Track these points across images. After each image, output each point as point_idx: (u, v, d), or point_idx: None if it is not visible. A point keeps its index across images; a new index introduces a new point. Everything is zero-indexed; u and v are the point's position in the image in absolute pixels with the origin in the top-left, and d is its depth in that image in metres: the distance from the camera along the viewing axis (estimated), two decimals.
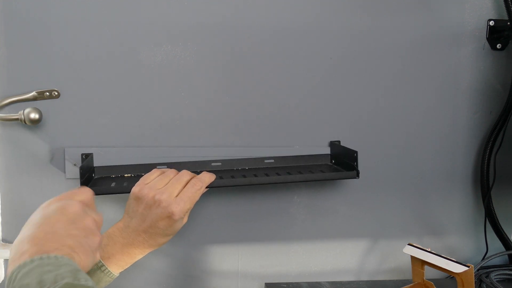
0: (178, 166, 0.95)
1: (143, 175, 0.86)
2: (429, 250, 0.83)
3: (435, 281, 0.88)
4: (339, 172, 0.92)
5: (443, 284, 0.97)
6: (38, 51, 0.89)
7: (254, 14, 0.95)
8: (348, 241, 1.05)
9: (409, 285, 0.89)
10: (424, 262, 0.84)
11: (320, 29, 0.97)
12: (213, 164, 0.96)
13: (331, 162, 1.00)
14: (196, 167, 0.95)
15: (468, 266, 0.77)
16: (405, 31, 1.00)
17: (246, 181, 0.89)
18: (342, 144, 0.99)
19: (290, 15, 0.96)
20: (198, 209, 0.99)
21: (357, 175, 0.89)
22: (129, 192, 0.81)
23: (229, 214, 1.00)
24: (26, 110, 0.87)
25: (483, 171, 1.05)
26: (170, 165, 0.94)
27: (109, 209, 0.95)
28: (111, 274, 0.76)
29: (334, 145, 0.99)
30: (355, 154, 0.89)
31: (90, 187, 0.84)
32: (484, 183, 1.05)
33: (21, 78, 0.89)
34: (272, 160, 0.98)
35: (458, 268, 0.77)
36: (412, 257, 0.87)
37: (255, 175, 0.90)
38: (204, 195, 0.98)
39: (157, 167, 0.94)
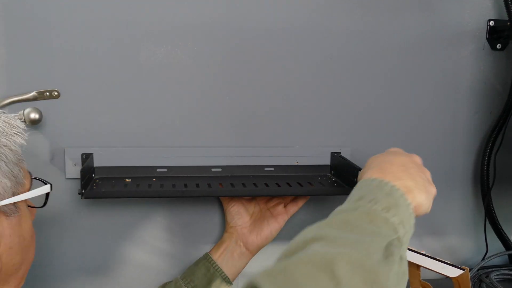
0: (178, 170, 0.95)
1: (142, 177, 0.85)
2: (423, 252, 0.83)
3: (433, 281, 0.88)
4: (339, 188, 0.93)
5: (441, 284, 0.96)
6: (38, 51, 0.89)
7: (255, 14, 0.95)
8: None
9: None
10: (420, 265, 0.84)
11: (320, 29, 0.97)
12: (213, 169, 0.96)
13: (330, 173, 1.00)
14: (196, 172, 0.95)
15: (464, 269, 0.77)
16: (405, 31, 1.00)
17: (246, 191, 0.89)
18: (340, 142, 1.00)
19: (291, 15, 0.96)
20: (198, 209, 0.99)
21: None
22: (132, 196, 0.80)
23: None
24: (26, 110, 0.87)
25: (483, 171, 1.05)
26: (170, 169, 0.94)
27: (111, 211, 0.95)
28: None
29: (334, 156, 0.99)
30: (356, 171, 0.89)
31: (91, 189, 0.85)
32: (484, 183, 1.05)
33: (21, 78, 0.89)
34: (272, 169, 0.98)
35: (453, 272, 0.78)
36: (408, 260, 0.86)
37: (255, 184, 0.91)
38: (204, 197, 0.98)
39: (157, 170, 0.94)
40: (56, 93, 0.90)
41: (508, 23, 1.00)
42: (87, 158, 0.90)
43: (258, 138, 0.98)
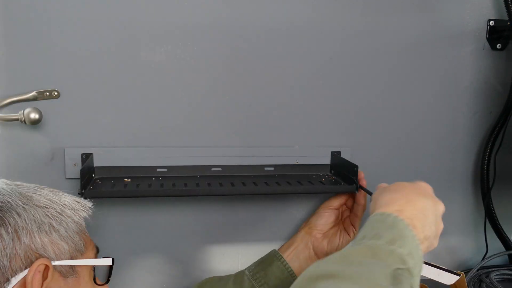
0: (178, 170, 0.95)
1: (142, 177, 0.85)
2: None
3: (431, 282, 0.88)
4: (339, 186, 0.93)
5: (439, 284, 0.97)
6: (38, 51, 0.89)
7: (254, 14, 0.95)
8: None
9: None
10: None
11: (320, 29, 0.97)
12: (213, 169, 0.96)
13: (330, 172, 1.00)
14: (196, 172, 0.96)
15: (459, 274, 0.77)
16: (405, 31, 1.00)
17: (246, 190, 0.89)
18: (341, 142, 1.00)
19: (290, 15, 0.96)
20: (198, 210, 0.99)
21: (356, 189, 0.90)
22: (132, 196, 0.82)
23: (229, 213, 1.00)
24: (26, 110, 0.87)
25: (483, 171, 1.05)
26: (170, 169, 0.94)
27: (111, 211, 0.95)
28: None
29: (334, 156, 1.00)
30: (356, 169, 0.89)
31: (91, 189, 0.85)
32: (484, 183, 1.05)
33: (21, 78, 0.89)
34: (272, 168, 0.98)
35: (449, 279, 0.78)
36: None
37: (255, 183, 0.91)
38: (204, 197, 0.98)
39: (157, 170, 0.94)
40: (56, 93, 0.90)
41: (508, 23, 1.00)
42: (87, 158, 0.90)
43: (258, 138, 0.98)
